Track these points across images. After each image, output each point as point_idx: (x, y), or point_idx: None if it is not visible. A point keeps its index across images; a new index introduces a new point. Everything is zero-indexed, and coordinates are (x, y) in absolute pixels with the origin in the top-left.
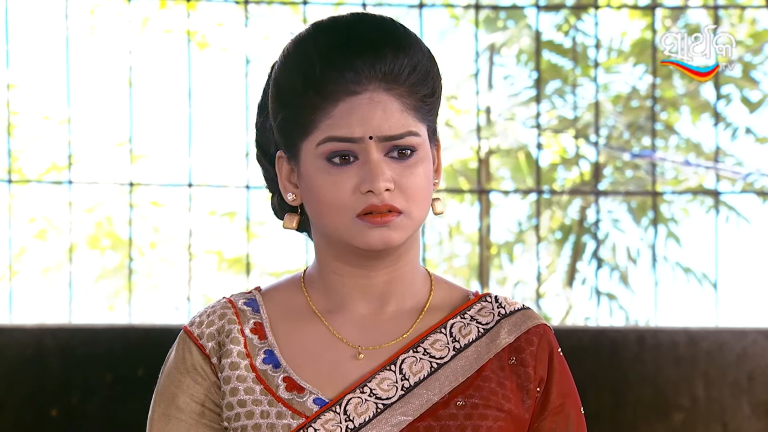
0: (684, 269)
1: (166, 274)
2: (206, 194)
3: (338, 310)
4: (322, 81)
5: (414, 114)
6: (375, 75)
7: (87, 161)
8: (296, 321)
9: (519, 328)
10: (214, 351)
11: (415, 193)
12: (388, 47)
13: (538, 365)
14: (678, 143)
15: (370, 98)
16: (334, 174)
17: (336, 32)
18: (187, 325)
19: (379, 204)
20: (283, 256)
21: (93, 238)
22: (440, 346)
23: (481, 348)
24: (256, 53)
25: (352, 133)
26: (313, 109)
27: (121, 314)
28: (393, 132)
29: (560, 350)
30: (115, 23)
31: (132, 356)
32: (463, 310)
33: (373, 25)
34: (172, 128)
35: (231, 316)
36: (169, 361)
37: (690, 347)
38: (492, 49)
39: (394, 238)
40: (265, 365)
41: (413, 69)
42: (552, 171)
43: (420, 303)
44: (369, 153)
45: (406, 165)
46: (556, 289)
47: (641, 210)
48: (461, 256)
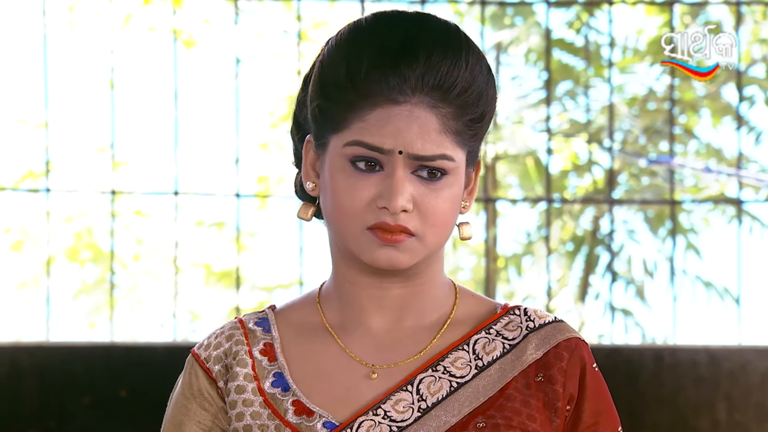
0: (704, 283)
1: (151, 288)
2: (193, 203)
3: (352, 325)
4: (365, 81)
5: (454, 138)
6: (421, 87)
7: (66, 168)
8: (308, 340)
9: (548, 342)
10: (221, 374)
11: (435, 218)
12: (444, 60)
13: (567, 382)
14: (698, 148)
15: (410, 111)
16: (354, 178)
17: (394, 30)
18: (195, 348)
19: (391, 223)
20: (276, 270)
21: (72, 250)
22: (461, 364)
23: (506, 365)
24: (246, 52)
25: (382, 143)
26: (349, 107)
27: (102, 332)
28: (425, 152)
29: (596, 366)
30: (96, 20)
31: (114, 377)
32: (488, 325)
33: (436, 31)
34: (157, 133)
35: (239, 337)
36: (178, 386)
37: (711, 367)
38: (499, 47)
39: (402, 260)
40: (273, 388)
41: (465, 89)
42: (563, 178)
43: (442, 317)
44: (395, 168)
45: (432, 187)
46: (568, 304)
47: (658, 220)
48: (466, 269)
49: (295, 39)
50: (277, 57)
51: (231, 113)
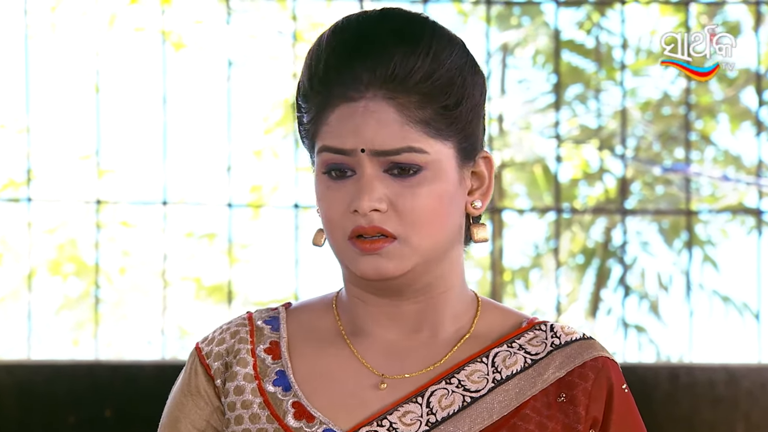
0: (722, 298)
1: (138, 303)
2: (183, 213)
3: (365, 335)
4: (323, 82)
5: (422, 128)
6: (374, 80)
7: (48, 176)
8: (318, 342)
9: (573, 360)
10: (219, 372)
11: (414, 217)
12: (398, 48)
13: (591, 404)
14: (715, 155)
15: (365, 107)
16: (331, 188)
17: (352, 28)
18: (199, 342)
19: (366, 225)
20: (271, 284)
21: (55, 263)
22: (478, 377)
23: (525, 382)
24: (239, 54)
25: (343, 144)
26: (314, 113)
27: (86, 349)
28: (387, 146)
29: (626, 387)
30: (80, 21)
31: (98, 396)
32: (511, 338)
33: (394, 23)
34: (145, 139)
35: (243, 335)
36: (178, 381)
37: (730, 386)
38: (505, 49)
39: (389, 268)
40: (275, 387)
41: (428, 76)
42: (573, 187)
43: (461, 331)
44: (362, 168)
45: (407, 184)
46: (578, 320)
47: (674, 231)
48: (471, 283)
49: (290, 40)
50: (271, 59)
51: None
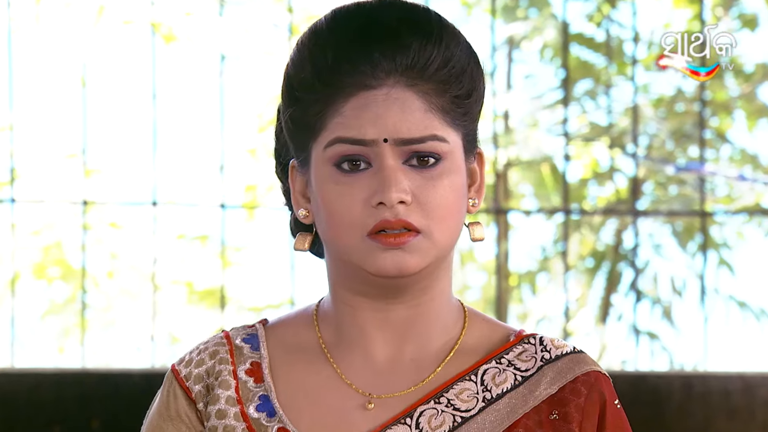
0: (738, 303)
1: (126, 308)
2: (174, 214)
3: (350, 349)
4: (333, 72)
5: (442, 116)
6: (395, 68)
7: (33, 175)
8: (301, 361)
9: (564, 376)
10: (201, 395)
11: (438, 210)
12: (414, 37)
13: (585, 421)
14: (731, 154)
15: (387, 94)
16: (342, 183)
17: (355, 18)
18: (176, 364)
19: (392, 219)
20: (266, 288)
21: (39, 267)
22: (468, 396)
23: (517, 400)
24: (232, 48)
25: (363, 134)
26: (322, 104)
27: (72, 357)
28: (412, 134)
29: (618, 402)
30: (66, 12)
31: (85, 406)
32: (499, 354)
33: (401, 11)
34: (134, 137)
35: (224, 355)
36: (154, 404)
37: (745, 396)
38: (511, 42)
39: (410, 263)
40: (258, 413)
41: (444, 63)
42: (582, 187)
43: (448, 344)
44: (383, 159)
45: (428, 176)
46: (588, 326)
47: (688, 233)
48: (475, 288)
49: (286, 34)
50: (266, 53)
51: (215, 115)
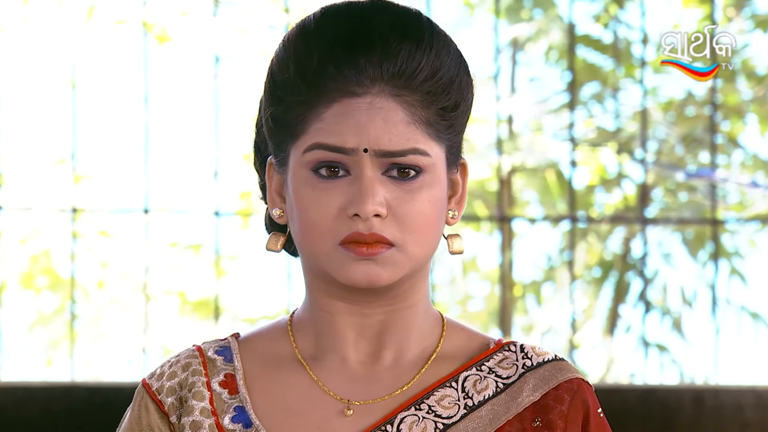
0: (751, 314)
1: (117, 319)
2: (166, 222)
3: (327, 356)
4: (318, 76)
5: (425, 129)
6: (381, 75)
7: (20, 182)
8: (276, 371)
9: (547, 383)
10: (173, 408)
11: (414, 224)
12: (403, 44)
13: (568, 428)
14: (743, 160)
15: (370, 103)
16: (319, 188)
17: (344, 20)
18: (147, 378)
19: (365, 232)
20: (260, 299)
21: (27, 276)
22: (449, 402)
23: (499, 407)
24: (227, 50)
25: (343, 142)
26: (304, 107)
27: (61, 370)
28: (393, 147)
29: (600, 411)
30: (55, 12)
31: (75, 420)
32: (480, 361)
33: (392, 16)
34: (125, 142)
35: (197, 367)
36: (125, 420)
37: (758, 410)
38: (515, 44)
39: (382, 275)
40: (234, 424)
41: (432, 74)
42: (589, 194)
43: (427, 351)
44: (362, 168)
45: (407, 188)
46: (595, 338)
47: (698, 242)
48: (478, 298)
49: (281, 35)
50: (261, 55)
51: (210, 119)
